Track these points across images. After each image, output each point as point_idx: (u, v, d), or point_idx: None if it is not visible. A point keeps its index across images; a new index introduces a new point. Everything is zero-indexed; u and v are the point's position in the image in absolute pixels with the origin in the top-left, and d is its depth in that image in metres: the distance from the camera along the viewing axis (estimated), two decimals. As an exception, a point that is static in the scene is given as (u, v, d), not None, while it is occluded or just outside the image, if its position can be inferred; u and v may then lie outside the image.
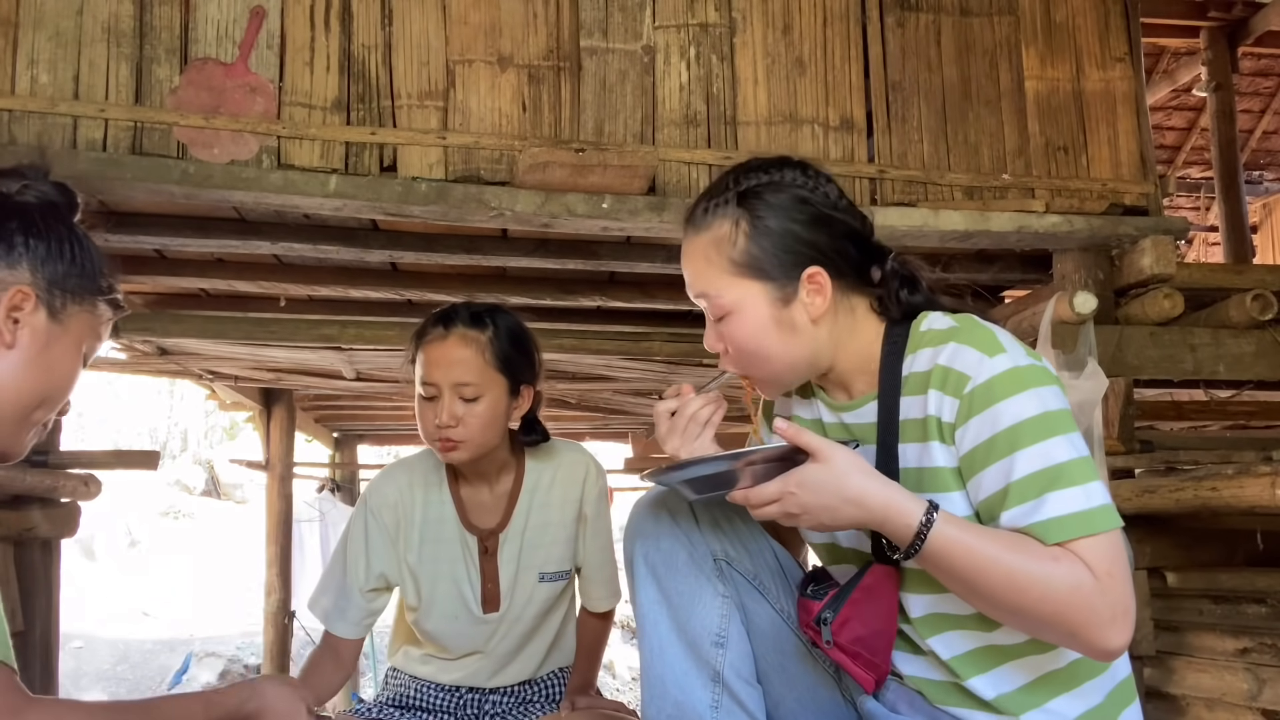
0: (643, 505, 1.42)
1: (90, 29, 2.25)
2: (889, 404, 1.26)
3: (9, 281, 1.12)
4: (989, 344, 1.18)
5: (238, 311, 3.54)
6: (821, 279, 1.25)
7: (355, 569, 1.84)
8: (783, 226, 1.25)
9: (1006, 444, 1.13)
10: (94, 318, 1.21)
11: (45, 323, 1.14)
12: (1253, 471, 1.97)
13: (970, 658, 1.23)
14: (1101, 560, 1.09)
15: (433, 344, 1.73)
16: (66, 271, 1.16)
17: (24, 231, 1.15)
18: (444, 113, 2.42)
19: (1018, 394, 1.14)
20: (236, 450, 15.07)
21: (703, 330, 1.39)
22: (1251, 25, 5.39)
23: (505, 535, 1.83)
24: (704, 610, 1.33)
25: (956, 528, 1.11)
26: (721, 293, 1.27)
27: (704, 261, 1.29)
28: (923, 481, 1.21)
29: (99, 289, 1.20)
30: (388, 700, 1.93)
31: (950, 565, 1.12)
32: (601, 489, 1.90)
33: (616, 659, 10.58)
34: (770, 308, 1.25)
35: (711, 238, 1.28)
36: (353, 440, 8.46)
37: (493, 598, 1.82)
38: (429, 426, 1.72)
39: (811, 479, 1.13)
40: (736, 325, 1.27)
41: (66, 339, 1.17)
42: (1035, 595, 1.08)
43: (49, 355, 1.15)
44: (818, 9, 2.63)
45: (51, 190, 1.21)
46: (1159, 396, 3.86)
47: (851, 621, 1.22)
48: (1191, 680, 2.31)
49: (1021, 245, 2.78)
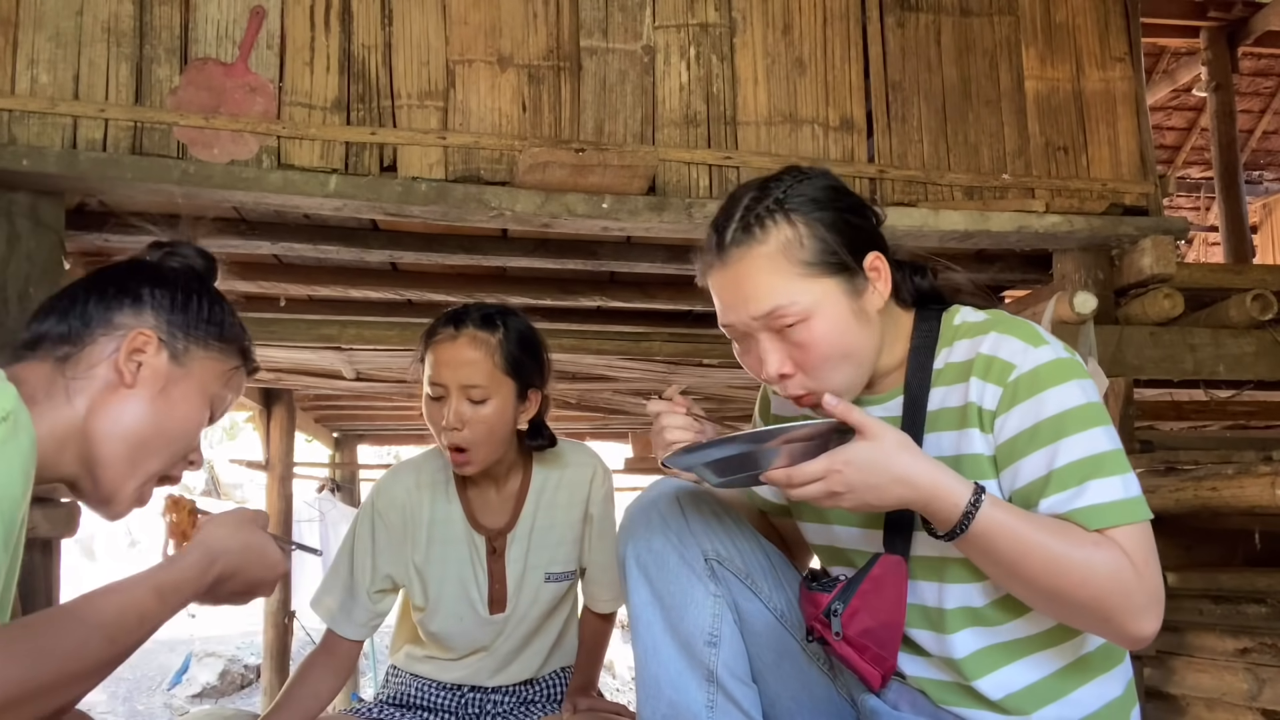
0: (634, 507, 1.42)
1: (90, 29, 2.25)
2: (915, 395, 1.26)
3: (132, 325, 1.15)
4: (1031, 335, 1.20)
5: (237, 311, 3.54)
6: (881, 264, 1.25)
7: (362, 571, 1.84)
8: (837, 218, 1.23)
9: (1051, 431, 1.14)
10: (221, 364, 1.23)
11: (166, 364, 1.16)
12: (1253, 471, 1.96)
13: (984, 654, 1.23)
14: (1139, 549, 1.11)
15: (442, 344, 1.73)
16: (192, 320, 1.19)
17: (152, 283, 1.19)
18: (444, 113, 2.42)
19: (1063, 383, 1.15)
20: (236, 450, 15.07)
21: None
22: (1251, 25, 5.39)
23: (513, 535, 1.83)
24: (696, 610, 1.33)
25: (1003, 510, 1.12)
26: (796, 299, 1.19)
27: (770, 274, 1.20)
28: (960, 468, 1.21)
29: (226, 338, 1.23)
30: (388, 699, 1.92)
31: (994, 547, 1.12)
32: (608, 490, 1.90)
33: (616, 659, 10.58)
34: (848, 301, 1.22)
35: (773, 248, 1.21)
36: (353, 440, 8.46)
37: (500, 598, 1.82)
38: (437, 428, 1.73)
39: (861, 457, 1.12)
40: (818, 328, 1.20)
41: (189, 382, 1.18)
42: (1076, 579, 1.09)
43: (168, 398, 1.16)
44: (818, 9, 2.63)
45: (193, 255, 1.28)
46: (1159, 396, 3.86)
47: (860, 613, 1.22)
48: (1191, 680, 2.31)
49: (1021, 245, 2.78)
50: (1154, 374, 2.71)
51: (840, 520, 1.36)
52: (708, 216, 2.44)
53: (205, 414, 1.21)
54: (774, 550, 1.43)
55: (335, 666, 1.84)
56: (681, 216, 2.44)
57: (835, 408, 1.14)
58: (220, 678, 9.32)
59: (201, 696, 9.13)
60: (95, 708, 8.41)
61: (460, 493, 1.84)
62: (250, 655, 9.49)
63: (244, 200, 2.35)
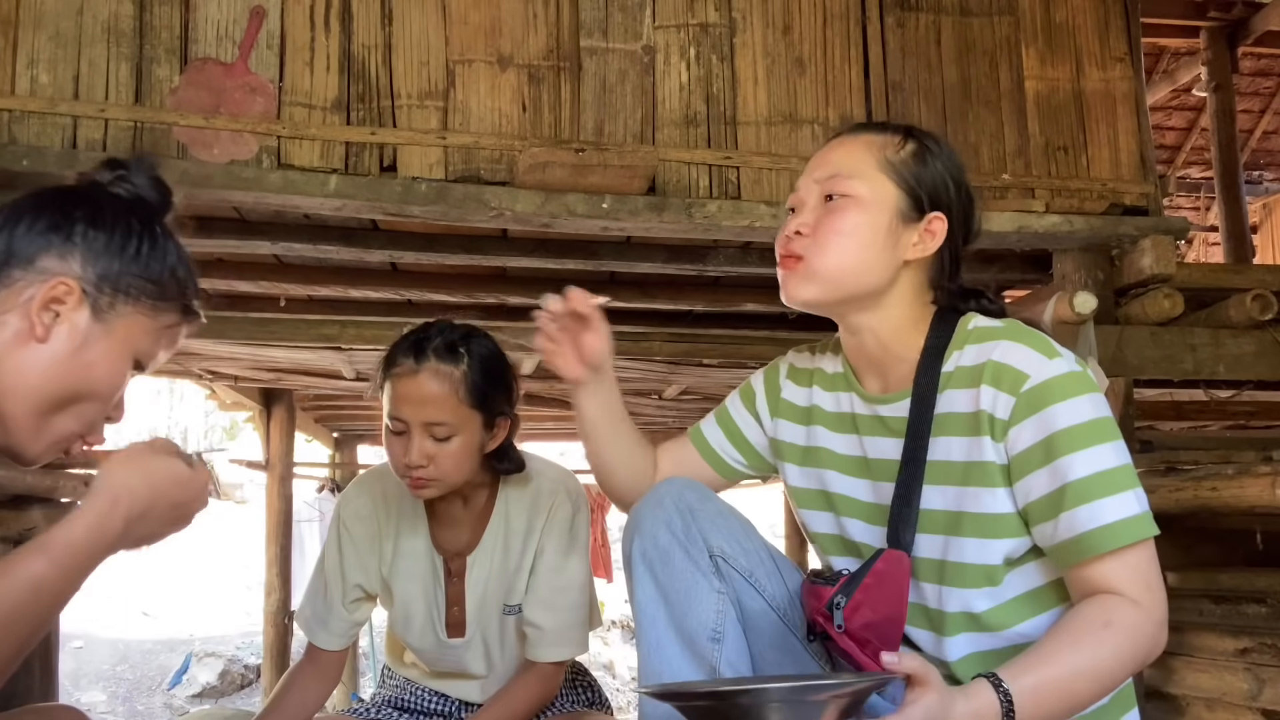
0: (640, 503, 1.42)
1: (90, 29, 2.25)
2: (923, 395, 1.26)
3: (54, 271, 1.03)
4: (1045, 346, 1.20)
5: (238, 311, 3.55)
6: (940, 226, 1.28)
7: (334, 581, 1.79)
8: (939, 169, 1.29)
9: (1061, 447, 1.14)
10: (153, 322, 1.11)
11: (87, 321, 1.05)
12: (1253, 471, 1.97)
13: (976, 658, 1.24)
14: (1140, 578, 1.12)
15: (402, 379, 1.58)
16: (124, 269, 1.07)
17: (88, 221, 1.06)
18: (444, 113, 2.42)
19: (1075, 397, 1.15)
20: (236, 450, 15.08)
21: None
22: (1251, 25, 5.39)
23: (473, 559, 1.73)
24: (700, 606, 1.33)
25: (1024, 675, 1.08)
26: (856, 175, 1.28)
27: (862, 147, 1.30)
28: (970, 475, 1.21)
29: (164, 292, 1.11)
30: (385, 700, 1.91)
31: (1046, 707, 1.08)
32: (565, 520, 1.72)
33: (616, 659, 10.59)
34: (891, 215, 1.27)
35: (878, 138, 1.31)
36: (353, 440, 8.46)
37: (457, 623, 1.74)
38: (398, 463, 1.60)
39: (928, 713, 1.02)
40: (852, 211, 1.27)
41: (110, 341, 1.07)
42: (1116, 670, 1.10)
43: (84, 356, 1.05)
44: (818, 9, 2.63)
45: (146, 185, 1.13)
46: (1159, 396, 3.86)
47: (863, 607, 1.21)
48: (1191, 680, 2.31)
49: (1021, 245, 2.78)
50: (1154, 374, 2.71)
51: (846, 511, 1.36)
52: (708, 217, 2.45)
53: (127, 373, 1.10)
54: (776, 550, 1.44)
55: (319, 675, 1.81)
56: (681, 216, 2.44)
57: (895, 666, 1.02)
58: (220, 678, 9.31)
59: (201, 696, 9.13)
60: (95, 708, 8.41)
61: (427, 506, 1.75)
62: (250, 655, 9.49)
63: (244, 200, 2.35)
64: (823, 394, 1.43)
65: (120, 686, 9.41)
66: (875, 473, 1.33)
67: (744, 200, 2.49)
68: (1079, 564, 1.14)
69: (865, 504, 1.35)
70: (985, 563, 1.21)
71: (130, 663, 10.01)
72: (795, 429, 1.46)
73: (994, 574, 1.21)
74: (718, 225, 2.47)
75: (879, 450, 1.33)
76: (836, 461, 1.39)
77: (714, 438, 1.56)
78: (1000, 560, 1.21)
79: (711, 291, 3.47)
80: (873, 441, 1.34)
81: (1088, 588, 1.14)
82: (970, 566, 1.22)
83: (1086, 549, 1.13)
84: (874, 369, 1.35)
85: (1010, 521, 1.20)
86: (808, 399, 1.45)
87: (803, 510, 1.45)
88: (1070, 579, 1.18)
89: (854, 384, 1.38)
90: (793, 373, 1.49)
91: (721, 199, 2.48)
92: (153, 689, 9.45)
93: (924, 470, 1.24)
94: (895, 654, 1.03)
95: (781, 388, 1.50)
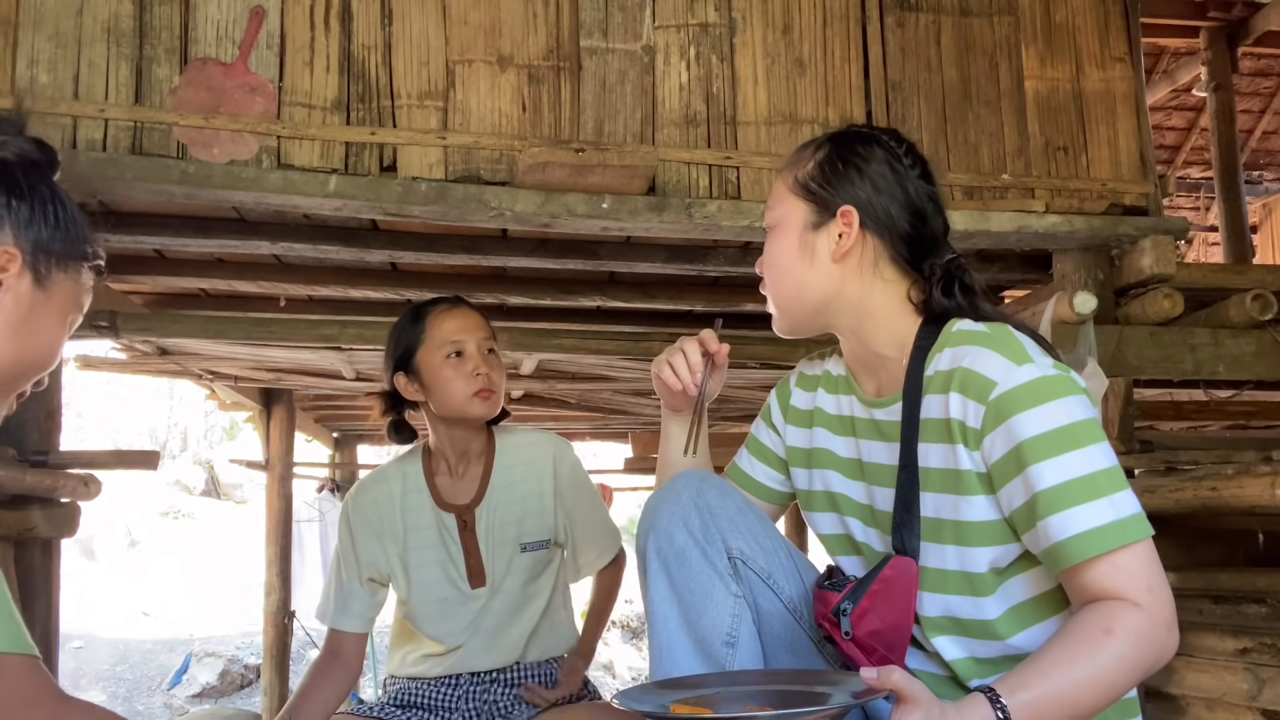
0: (657, 498, 1.41)
1: (90, 29, 2.25)
2: (911, 399, 1.25)
3: None
4: (1016, 352, 1.16)
5: (238, 311, 3.54)
6: (851, 216, 1.29)
7: (349, 567, 1.94)
8: (855, 165, 1.31)
9: (1031, 455, 1.11)
10: (78, 285, 1.12)
11: (30, 289, 1.06)
12: (1253, 471, 1.96)
13: (974, 663, 1.23)
14: (1139, 580, 1.08)
15: (453, 311, 1.92)
16: (51, 236, 1.08)
17: (6, 191, 1.06)
18: (444, 113, 2.42)
19: (1043, 404, 1.12)
20: (236, 450, 15.08)
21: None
22: (1251, 25, 5.39)
23: (481, 509, 1.92)
24: (715, 609, 1.32)
25: (1022, 689, 1.05)
26: (773, 205, 1.37)
27: (783, 175, 1.38)
28: (947, 483, 1.20)
29: (83, 254, 1.12)
30: (389, 701, 1.94)
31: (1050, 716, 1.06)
32: (572, 464, 1.99)
33: (616, 659, 10.59)
34: (799, 229, 1.32)
35: (796, 160, 1.37)
36: (353, 440, 8.46)
37: (478, 571, 1.90)
38: (467, 378, 1.84)
39: None
40: (772, 240, 1.35)
41: (50, 307, 1.08)
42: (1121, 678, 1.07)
43: (32, 323, 1.06)
44: (818, 9, 2.62)
45: (30, 146, 1.12)
46: (1159, 396, 3.86)
47: (870, 614, 1.21)
48: (1191, 680, 2.31)
49: (1021, 245, 2.78)
50: (1154, 374, 2.71)
51: (849, 512, 1.36)
52: (708, 216, 2.45)
53: (65, 336, 1.12)
54: (796, 550, 1.43)
55: (341, 668, 1.91)
56: (681, 216, 2.44)
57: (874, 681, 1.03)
58: (220, 678, 9.32)
59: (201, 696, 9.13)
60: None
61: (428, 479, 1.94)
62: (250, 655, 9.49)
63: (244, 200, 2.35)
64: (826, 396, 1.43)
65: (120, 686, 9.42)
66: (869, 476, 1.33)
67: (744, 200, 2.49)
68: (1067, 571, 1.12)
69: (862, 506, 1.35)
70: (967, 570, 1.20)
71: (130, 663, 10.01)
72: (800, 432, 1.46)
73: (978, 582, 1.20)
74: (718, 225, 2.47)
75: (872, 454, 1.32)
76: (837, 463, 1.39)
77: (750, 468, 1.54)
78: (985, 568, 1.19)
79: (711, 291, 3.47)
80: (867, 445, 1.33)
81: (1085, 594, 1.11)
82: (951, 573, 1.21)
83: (1065, 557, 1.10)
84: (867, 371, 1.35)
85: (993, 529, 1.18)
86: (811, 402, 1.45)
87: (810, 513, 1.45)
88: (1066, 587, 1.16)
89: (854, 387, 1.38)
90: (801, 380, 1.50)
91: (721, 199, 2.48)
92: (153, 689, 9.46)
93: (920, 475, 1.23)
94: (874, 670, 1.02)
95: (791, 395, 1.50)
